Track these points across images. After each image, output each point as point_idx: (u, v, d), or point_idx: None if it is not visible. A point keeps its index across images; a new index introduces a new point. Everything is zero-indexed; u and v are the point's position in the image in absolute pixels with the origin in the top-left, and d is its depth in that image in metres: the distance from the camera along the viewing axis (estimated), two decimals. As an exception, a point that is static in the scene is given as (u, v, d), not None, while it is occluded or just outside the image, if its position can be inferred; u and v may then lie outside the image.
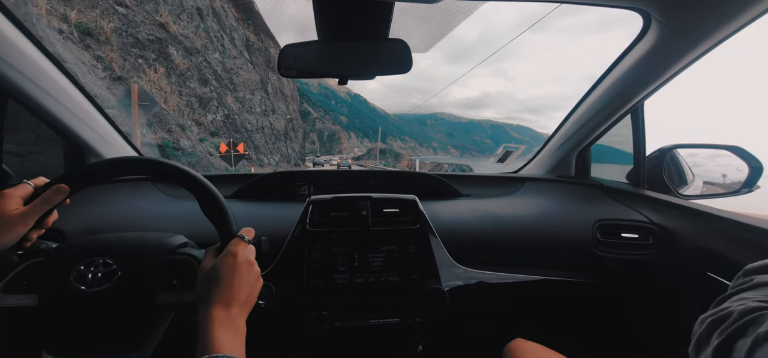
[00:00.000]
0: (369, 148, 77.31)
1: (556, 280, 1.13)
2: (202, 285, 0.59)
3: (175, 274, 0.69)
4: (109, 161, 0.67)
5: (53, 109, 1.06)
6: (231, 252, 0.61)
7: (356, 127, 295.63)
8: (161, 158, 0.71)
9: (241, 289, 0.59)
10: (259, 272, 0.65)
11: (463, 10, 1.00)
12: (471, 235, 1.16)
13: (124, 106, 7.86)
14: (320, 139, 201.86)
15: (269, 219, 1.12)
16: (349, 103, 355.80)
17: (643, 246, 1.14)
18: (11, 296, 0.63)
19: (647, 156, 1.32)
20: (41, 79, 0.99)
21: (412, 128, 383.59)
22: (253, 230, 0.68)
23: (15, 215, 0.57)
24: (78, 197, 0.71)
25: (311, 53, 0.87)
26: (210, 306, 0.55)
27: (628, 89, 1.16)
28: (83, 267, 0.65)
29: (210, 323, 0.53)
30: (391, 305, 0.96)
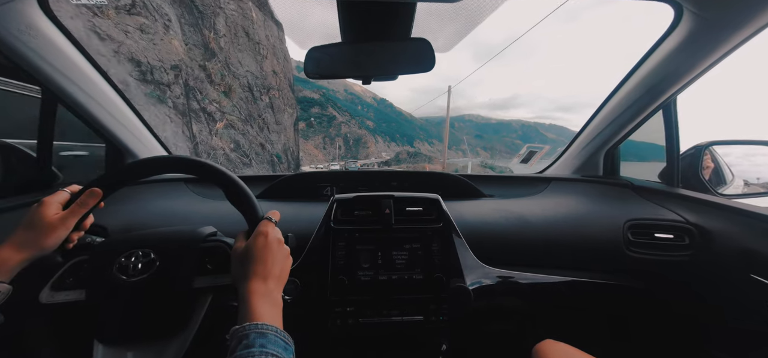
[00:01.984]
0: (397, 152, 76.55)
1: (585, 281, 1.10)
2: (237, 265, 0.63)
3: (209, 259, 0.73)
4: (137, 164, 0.72)
5: (97, 114, 1.14)
6: (261, 232, 0.64)
7: (383, 131, 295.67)
8: (185, 156, 0.76)
9: (274, 264, 0.62)
10: (288, 251, 0.68)
11: (486, 8, 1.00)
12: (495, 234, 1.14)
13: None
14: (346, 143, 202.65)
15: (295, 218, 1.15)
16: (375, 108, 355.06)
17: (679, 247, 1.09)
18: (59, 292, 0.68)
19: (681, 154, 1.27)
20: (87, 85, 1.07)
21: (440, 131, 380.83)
22: (279, 213, 0.71)
23: (55, 220, 0.62)
24: (118, 197, 0.76)
25: (335, 55, 0.90)
26: (248, 281, 0.59)
27: (659, 84, 1.11)
28: (124, 259, 0.70)
29: (249, 295, 0.57)
30: (415, 303, 0.97)
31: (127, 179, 0.71)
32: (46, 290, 0.67)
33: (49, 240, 0.61)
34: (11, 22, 0.81)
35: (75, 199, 0.66)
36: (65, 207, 0.65)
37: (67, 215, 0.63)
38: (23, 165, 1.16)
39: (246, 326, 0.51)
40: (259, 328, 0.51)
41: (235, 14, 12.40)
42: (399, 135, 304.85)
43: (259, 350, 0.48)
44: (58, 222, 0.62)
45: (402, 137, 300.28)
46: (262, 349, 0.49)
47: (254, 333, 0.51)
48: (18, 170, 1.16)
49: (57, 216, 0.62)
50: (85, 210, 0.66)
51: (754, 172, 1.35)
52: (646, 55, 1.12)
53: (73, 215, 0.64)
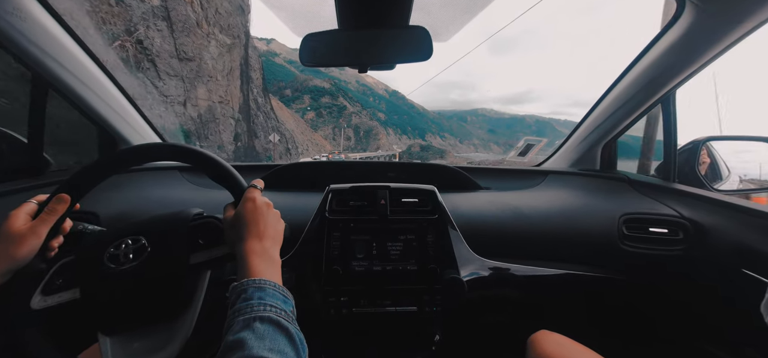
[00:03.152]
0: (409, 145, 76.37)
1: (579, 274, 1.10)
2: (230, 232, 0.64)
3: (200, 235, 0.72)
4: (103, 160, 0.70)
5: (88, 99, 1.12)
6: (248, 198, 0.65)
7: (394, 123, 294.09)
8: (155, 143, 0.74)
9: (267, 225, 0.63)
10: (279, 213, 0.69)
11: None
12: (490, 226, 1.14)
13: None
14: (356, 134, 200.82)
15: (290, 208, 1.14)
16: (386, 100, 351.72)
17: (673, 241, 1.10)
18: (51, 296, 0.66)
19: (679, 149, 1.26)
20: (80, 71, 1.05)
21: (452, 125, 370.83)
22: (263, 182, 0.71)
23: (24, 230, 0.60)
24: (110, 184, 0.74)
25: (331, 42, 0.88)
26: (243, 242, 0.59)
27: (658, 78, 1.11)
28: (113, 249, 0.69)
29: (246, 254, 0.58)
30: (409, 294, 0.97)
31: (95, 178, 0.69)
32: (37, 296, 0.65)
33: (19, 251, 0.59)
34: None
35: (43, 208, 0.64)
36: (35, 217, 0.63)
37: (37, 224, 0.62)
38: (15, 151, 1.14)
39: (244, 281, 0.52)
40: (256, 283, 0.52)
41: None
42: (410, 128, 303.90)
43: (257, 302, 0.49)
44: (28, 232, 0.60)
45: (413, 130, 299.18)
46: (260, 301, 0.50)
47: (252, 288, 0.52)
48: (9, 156, 1.15)
49: (25, 226, 0.61)
50: (55, 217, 0.64)
51: (751, 168, 1.35)
52: (646, 48, 1.11)
53: (43, 223, 0.62)
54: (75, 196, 0.67)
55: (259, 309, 0.49)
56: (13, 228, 0.60)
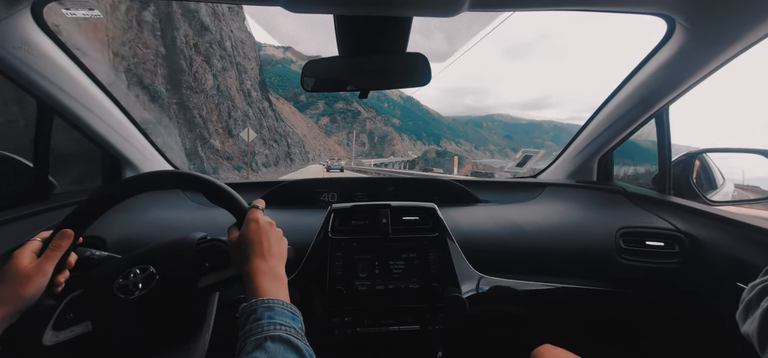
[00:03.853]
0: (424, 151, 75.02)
1: (578, 288, 1.12)
2: (236, 253, 0.65)
3: (206, 258, 0.74)
4: (103, 192, 0.70)
5: (93, 124, 1.14)
6: (251, 219, 0.67)
7: (409, 129, 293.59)
8: (157, 171, 0.76)
9: (271, 244, 0.65)
10: (282, 231, 0.71)
11: (483, 19, 1.00)
12: (490, 242, 1.16)
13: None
14: (371, 140, 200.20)
15: (293, 226, 1.16)
16: (401, 106, 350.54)
17: (669, 254, 1.11)
18: (63, 331, 0.66)
19: (674, 161, 1.29)
20: (83, 96, 1.07)
21: (467, 130, 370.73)
22: (264, 202, 0.73)
23: (30, 269, 0.61)
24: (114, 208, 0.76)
25: (332, 68, 0.91)
26: (250, 262, 0.61)
27: (652, 94, 1.13)
28: (122, 279, 0.70)
29: (254, 274, 0.59)
30: (412, 312, 0.98)
31: (96, 211, 0.70)
32: (49, 332, 0.65)
33: (27, 290, 0.60)
34: (7, 38, 0.81)
35: (48, 244, 0.64)
36: (40, 254, 0.64)
37: (42, 261, 0.62)
38: (20, 176, 1.16)
39: (253, 301, 0.54)
40: (265, 303, 0.54)
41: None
42: (425, 134, 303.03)
43: (267, 322, 0.51)
44: (34, 271, 0.61)
45: (428, 136, 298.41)
46: (270, 320, 0.51)
47: (262, 307, 0.53)
48: (15, 181, 1.16)
49: (31, 265, 0.61)
50: (60, 253, 0.65)
51: (745, 180, 1.38)
52: (639, 66, 1.13)
53: (48, 260, 0.63)
54: (78, 230, 0.68)
55: (269, 329, 0.50)
56: (20, 268, 0.61)
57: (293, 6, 0.76)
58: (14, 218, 1.00)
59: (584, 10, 0.88)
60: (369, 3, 0.76)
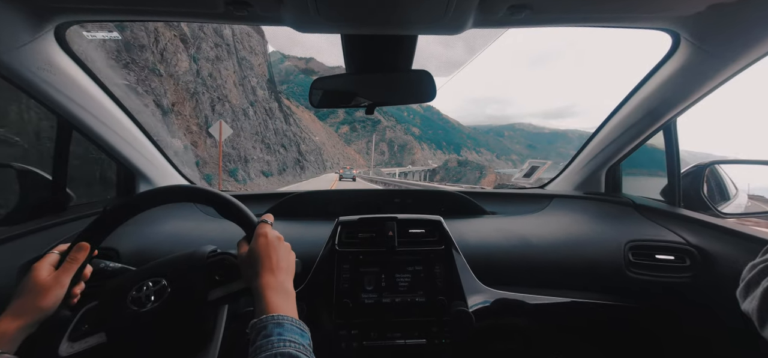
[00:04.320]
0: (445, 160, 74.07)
1: (587, 302, 1.11)
2: (246, 268, 0.67)
3: (216, 272, 0.75)
4: (119, 206, 0.74)
5: (109, 139, 1.18)
6: (260, 234, 0.68)
7: (429, 138, 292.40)
8: (169, 186, 0.78)
9: (280, 259, 0.66)
10: (290, 245, 0.72)
11: (485, 36, 1.02)
12: (497, 255, 1.16)
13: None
14: (390, 149, 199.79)
15: (300, 239, 1.18)
16: (421, 115, 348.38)
17: (680, 268, 1.10)
18: (78, 342, 0.68)
19: (683, 172, 1.27)
20: (101, 112, 1.11)
21: (489, 140, 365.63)
22: (272, 216, 0.75)
23: (49, 281, 0.64)
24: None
25: (339, 85, 0.93)
26: (259, 278, 0.63)
27: (659, 106, 1.13)
28: (136, 292, 0.72)
29: (263, 289, 0.61)
30: (418, 326, 0.98)
31: (112, 225, 0.73)
32: (65, 343, 0.67)
33: (45, 302, 0.62)
34: (32, 60, 0.85)
35: (65, 257, 0.67)
36: (58, 266, 0.67)
37: (60, 274, 0.65)
38: (40, 188, 1.21)
39: (263, 318, 0.55)
40: (275, 319, 0.55)
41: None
42: (445, 143, 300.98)
43: (277, 338, 0.52)
44: (52, 282, 0.64)
45: (448, 145, 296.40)
46: (279, 337, 0.53)
47: (271, 324, 0.55)
48: (35, 193, 1.21)
49: (49, 277, 0.64)
50: (77, 265, 0.67)
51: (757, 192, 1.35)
52: (646, 78, 1.13)
53: (65, 272, 0.66)
54: (94, 242, 0.71)
55: (279, 345, 0.51)
56: (39, 280, 0.63)
57: (301, 27, 0.78)
58: (34, 230, 1.04)
59: (588, 26, 0.89)
60: (375, 23, 0.78)
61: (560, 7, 0.78)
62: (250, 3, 0.72)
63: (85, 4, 0.78)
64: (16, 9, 0.76)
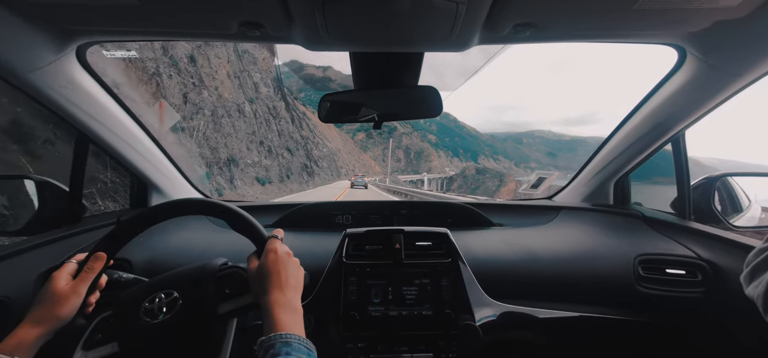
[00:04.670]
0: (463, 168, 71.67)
1: (596, 316, 1.09)
2: (255, 283, 0.68)
3: (226, 285, 0.77)
4: (133, 218, 0.76)
5: (124, 152, 1.22)
6: (270, 249, 0.70)
7: (445, 145, 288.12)
8: (183, 199, 0.81)
9: (289, 275, 0.68)
10: (299, 261, 0.73)
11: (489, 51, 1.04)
12: (504, 268, 1.15)
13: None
14: (407, 156, 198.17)
15: (308, 250, 1.19)
16: (437, 122, 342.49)
17: (691, 283, 1.08)
18: (92, 351, 0.70)
19: (693, 184, 1.26)
20: (117, 127, 1.15)
21: (507, 147, 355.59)
22: (282, 231, 0.76)
23: (67, 290, 0.66)
24: None
25: (348, 101, 0.95)
26: (267, 295, 0.64)
27: (667, 119, 1.12)
28: (148, 303, 0.74)
29: (271, 307, 0.62)
30: (425, 340, 0.98)
31: (127, 235, 0.76)
32: (79, 352, 0.69)
33: (63, 310, 0.65)
34: (55, 79, 0.89)
35: (83, 266, 0.70)
36: (75, 275, 0.69)
37: (77, 283, 0.67)
38: (57, 199, 1.24)
39: (271, 336, 0.57)
40: (283, 337, 0.57)
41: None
42: (462, 150, 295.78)
43: (284, 357, 0.53)
44: (70, 291, 0.66)
45: (465, 153, 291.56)
46: (287, 356, 0.54)
47: (279, 342, 0.56)
48: (52, 204, 1.25)
49: (68, 286, 0.66)
50: (94, 275, 0.70)
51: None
52: (653, 90, 1.13)
53: (82, 282, 0.68)
54: (110, 253, 0.73)
55: None
56: (57, 289, 0.66)
57: (310, 46, 0.81)
58: (51, 240, 1.07)
59: (593, 42, 0.90)
60: (382, 41, 0.80)
61: (565, 25, 0.79)
62: (262, 24, 0.75)
63: (105, 26, 0.82)
64: (42, 31, 0.80)
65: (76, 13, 0.75)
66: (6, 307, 0.89)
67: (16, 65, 0.80)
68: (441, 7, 0.66)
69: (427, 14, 0.70)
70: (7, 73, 0.81)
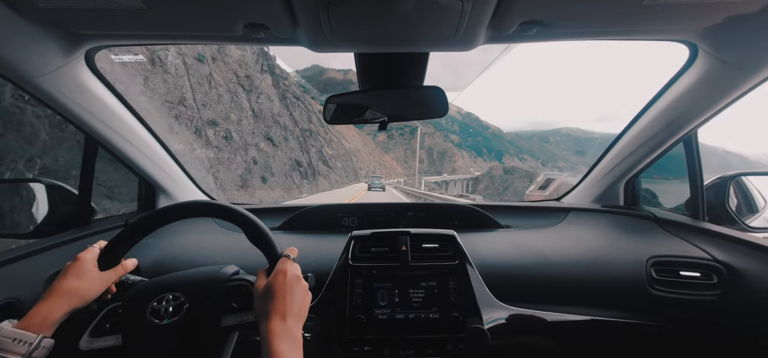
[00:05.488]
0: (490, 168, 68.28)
1: (607, 320, 1.07)
2: (259, 303, 0.67)
3: (233, 298, 0.77)
4: (154, 214, 0.79)
5: (132, 155, 1.23)
6: (280, 270, 0.69)
7: (468, 145, 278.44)
8: (201, 200, 0.81)
9: (293, 302, 0.66)
10: (307, 286, 0.72)
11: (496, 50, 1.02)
12: (512, 270, 1.14)
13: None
14: (430, 156, 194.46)
15: (314, 252, 1.19)
16: (459, 122, 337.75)
17: (706, 286, 1.05)
18: (98, 339, 0.72)
19: (706, 185, 1.23)
20: (125, 131, 1.16)
21: (532, 146, 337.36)
22: (297, 249, 0.76)
23: (96, 275, 0.71)
24: None
25: (353, 102, 0.95)
26: (268, 320, 0.63)
27: (678, 118, 1.10)
28: (156, 303, 0.75)
29: (270, 335, 0.61)
30: (432, 343, 0.97)
31: (153, 227, 0.79)
32: (86, 338, 0.71)
33: (89, 293, 0.69)
34: (64, 83, 0.90)
35: (103, 253, 0.74)
36: (99, 260, 0.73)
37: (108, 273, 0.73)
38: (67, 202, 1.26)
39: None
40: None
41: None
42: (486, 150, 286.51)
43: None
44: (98, 278, 0.71)
45: (489, 152, 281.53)
46: None
47: None
48: (62, 207, 1.26)
49: (96, 271, 0.71)
50: (124, 273, 0.77)
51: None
52: (664, 89, 1.11)
53: (115, 273, 0.74)
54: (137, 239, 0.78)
55: None
56: (88, 272, 0.70)
57: (315, 47, 0.81)
58: (60, 242, 1.08)
59: (602, 40, 0.88)
60: (387, 41, 0.80)
61: (573, 22, 0.78)
62: (268, 26, 0.75)
63: (113, 30, 0.83)
64: (51, 36, 0.81)
65: (83, 18, 0.76)
66: (16, 309, 0.90)
67: (25, 70, 0.82)
68: (446, 6, 0.66)
69: (433, 13, 0.69)
70: (17, 77, 0.82)
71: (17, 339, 0.58)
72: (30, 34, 0.77)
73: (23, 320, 0.62)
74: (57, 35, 0.82)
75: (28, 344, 0.58)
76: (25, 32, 0.76)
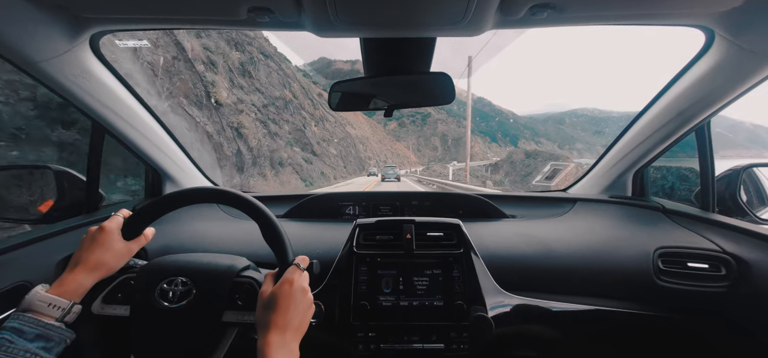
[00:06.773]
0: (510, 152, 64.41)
1: (612, 310, 1.06)
2: (261, 310, 0.67)
3: (239, 295, 0.78)
4: (178, 194, 0.80)
5: (138, 142, 1.24)
6: (287, 280, 0.68)
7: (482, 131, 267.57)
8: (229, 189, 0.81)
9: (295, 315, 0.66)
10: (312, 299, 0.72)
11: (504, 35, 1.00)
12: (517, 259, 1.13)
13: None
14: (443, 143, 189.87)
15: (318, 240, 1.19)
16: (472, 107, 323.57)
17: (715, 278, 1.04)
18: (109, 306, 0.76)
19: (717, 176, 1.21)
20: (132, 117, 1.16)
21: (548, 128, 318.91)
22: (308, 259, 0.75)
23: (123, 245, 0.75)
24: None
25: (358, 89, 0.94)
26: (267, 332, 0.63)
27: (691, 107, 1.07)
28: (166, 285, 0.76)
29: (267, 347, 0.60)
30: (436, 330, 0.97)
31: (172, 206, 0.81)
32: (98, 302, 0.75)
33: (117, 263, 0.74)
34: (69, 68, 0.90)
35: (127, 222, 0.78)
36: (123, 229, 0.77)
37: (132, 243, 0.77)
38: (75, 188, 1.27)
39: None
40: None
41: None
42: (501, 134, 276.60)
43: None
44: (125, 248, 0.75)
45: (504, 137, 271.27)
46: None
47: None
48: (71, 193, 1.28)
49: (123, 241, 0.75)
50: (146, 242, 0.81)
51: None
52: (677, 76, 1.08)
53: (137, 243, 0.78)
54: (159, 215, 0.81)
55: None
56: (118, 242, 0.74)
57: (320, 31, 0.79)
58: (69, 228, 1.10)
59: (615, 25, 0.86)
60: (393, 26, 0.78)
61: (585, 6, 0.75)
62: (272, 10, 0.74)
63: (118, 14, 0.82)
64: (56, 20, 0.80)
65: (88, 1, 0.76)
66: (27, 291, 0.92)
67: (31, 54, 0.81)
68: (454, -11, 0.64)
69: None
70: (23, 62, 0.82)
71: (52, 304, 0.63)
72: (35, 18, 0.76)
73: (56, 286, 0.66)
74: (61, 19, 0.81)
75: (62, 309, 0.63)
76: (30, 16, 0.76)
